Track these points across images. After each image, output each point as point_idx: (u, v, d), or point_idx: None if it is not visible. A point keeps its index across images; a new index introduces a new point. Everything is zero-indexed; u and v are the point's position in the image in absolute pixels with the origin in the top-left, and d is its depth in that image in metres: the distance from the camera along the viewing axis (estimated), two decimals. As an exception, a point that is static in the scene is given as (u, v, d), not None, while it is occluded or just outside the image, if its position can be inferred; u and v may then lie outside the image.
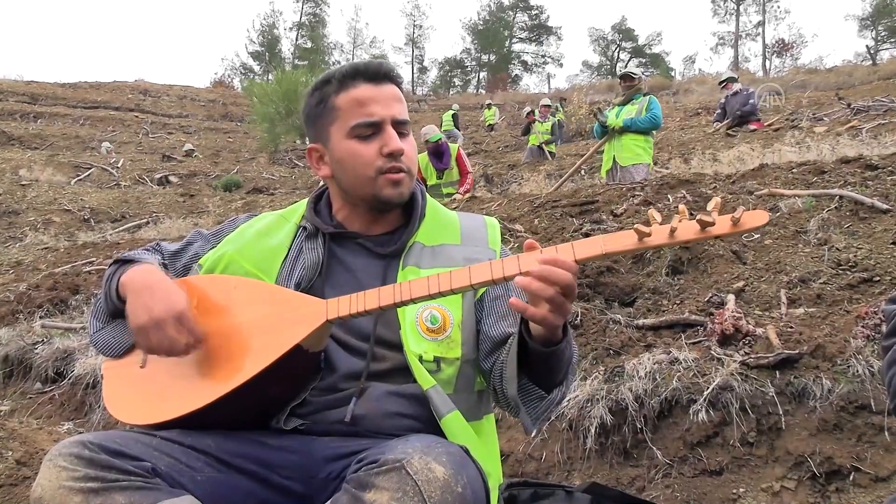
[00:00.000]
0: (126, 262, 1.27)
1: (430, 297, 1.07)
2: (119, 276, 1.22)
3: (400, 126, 1.25)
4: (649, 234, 0.97)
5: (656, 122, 6.01)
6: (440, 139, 7.17)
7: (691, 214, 0.98)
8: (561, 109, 15.94)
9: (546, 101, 13.16)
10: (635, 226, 0.98)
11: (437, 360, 1.19)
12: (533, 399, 1.16)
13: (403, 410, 1.17)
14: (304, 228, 1.31)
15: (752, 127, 9.49)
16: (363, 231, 1.30)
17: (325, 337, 1.17)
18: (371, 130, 1.22)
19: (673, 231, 0.97)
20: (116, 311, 1.24)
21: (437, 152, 7.20)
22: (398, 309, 1.20)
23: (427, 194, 1.37)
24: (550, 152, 11.69)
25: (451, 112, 17.67)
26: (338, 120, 1.24)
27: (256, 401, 1.15)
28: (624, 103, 6.12)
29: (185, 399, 1.12)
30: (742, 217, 0.93)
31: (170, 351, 1.12)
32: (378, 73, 1.24)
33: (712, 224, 0.95)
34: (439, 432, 1.12)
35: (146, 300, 1.13)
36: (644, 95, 6.11)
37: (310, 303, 1.14)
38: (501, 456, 2.10)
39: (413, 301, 1.08)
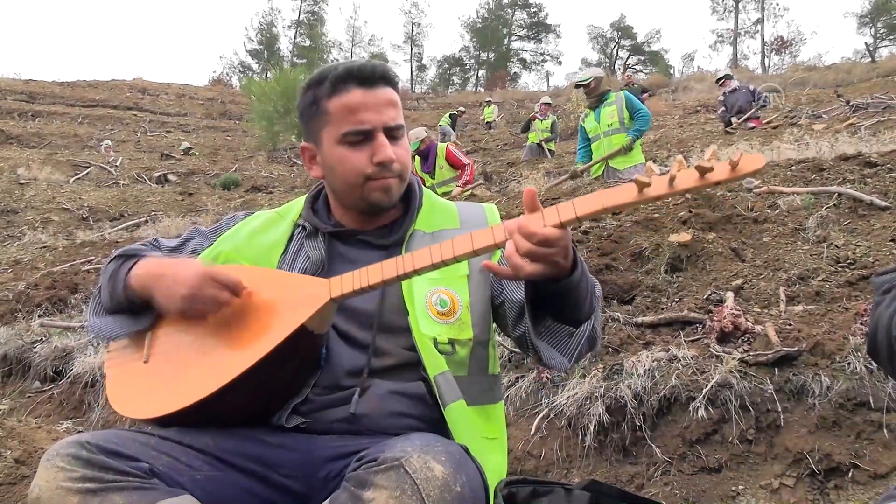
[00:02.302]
0: (127, 258, 1.26)
1: (434, 266, 1.06)
2: (126, 272, 1.21)
3: (393, 131, 1.23)
4: (649, 185, 0.94)
5: (650, 118, 5.94)
6: (417, 147, 7.14)
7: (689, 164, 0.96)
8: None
9: (546, 99, 13.11)
10: (635, 177, 0.95)
11: (451, 342, 1.19)
12: (562, 337, 1.16)
13: (405, 410, 1.17)
14: (304, 228, 1.31)
15: (750, 124, 9.50)
16: (361, 227, 1.30)
17: (330, 318, 1.16)
18: (362, 137, 1.21)
19: (672, 180, 0.94)
20: (120, 307, 1.23)
21: (424, 155, 7.18)
22: (405, 294, 1.21)
23: (422, 185, 1.37)
24: (550, 150, 11.69)
25: (450, 112, 17.81)
26: (329, 125, 1.22)
27: (262, 387, 1.14)
28: (595, 106, 5.99)
29: (190, 389, 1.11)
30: (741, 161, 0.90)
31: (220, 307, 1.13)
32: (372, 77, 1.21)
33: (711, 170, 0.92)
34: (441, 431, 1.12)
35: (173, 279, 1.14)
36: (614, 93, 5.98)
37: (312, 283, 1.14)
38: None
39: (416, 272, 1.07)
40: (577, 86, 6.38)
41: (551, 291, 1.09)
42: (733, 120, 9.88)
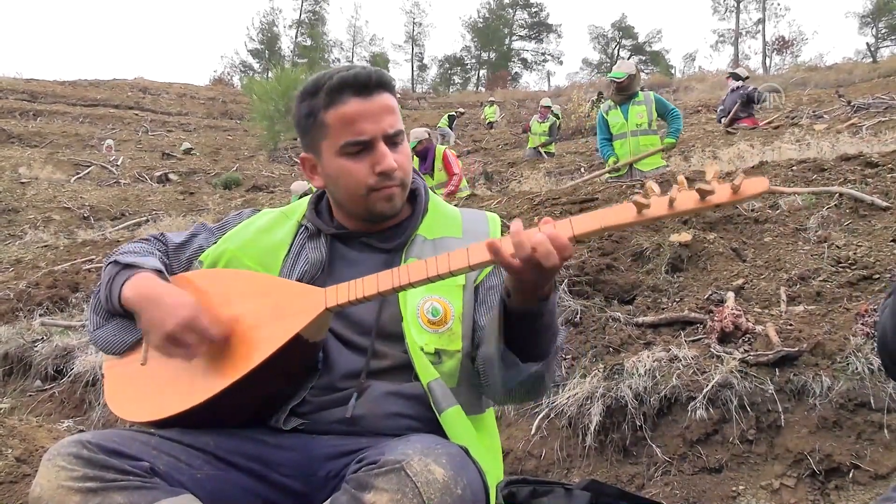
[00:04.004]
0: (125, 267, 1.24)
1: (429, 280, 1.05)
2: (121, 283, 1.20)
3: (392, 138, 1.21)
4: (648, 206, 0.93)
5: (681, 115, 6.04)
6: (414, 147, 7.09)
7: (689, 184, 0.95)
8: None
9: (546, 102, 13.01)
10: (634, 198, 0.93)
11: (437, 352, 1.18)
12: (507, 364, 1.11)
13: (403, 411, 1.17)
14: (306, 228, 1.31)
15: (743, 124, 9.48)
16: (364, 230, 1.30)
17: (326, 326, 1.16)
18: (361, 148, 1.19)
19: (672, 201, 0.93)
20: (117, 313, 1.23)
21: (422, 155, 7.13)
22: (400, 301, 1.21)
23: (429, 189, 1.38)
24: (548, 153, 11.64)
25: (449, 113, 17.83)
26: (327, 137, 1.21)
27: (258, 394, 1.14)
28: (623, 102, 5.90)
29: (187, 394, 1.12)
30: (742, 184, 0.89)
31: (192, 357, 1.12)
32: (368, 85, 1.19)
33: (712, 192, 0.90)
34: (439, 432, 1.12)
35: (155, 315, 1.12)
36: (641, 90, 5.94)
37: (308, 292, 1.14)
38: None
39: (412, 285, 1.06)
40: (611, 80, 6.23)
41: (519, 311, 1.06)
42: (722, 121, 9.93)
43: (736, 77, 10.24)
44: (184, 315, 1.10)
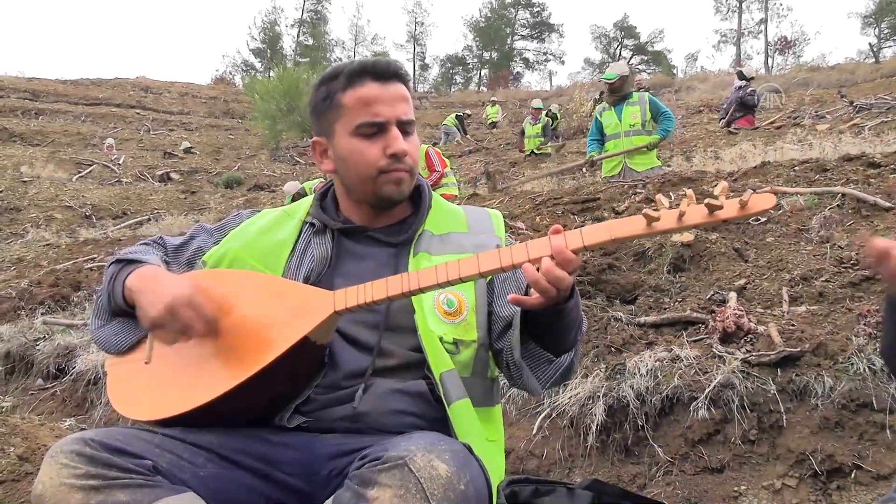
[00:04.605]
0: (129, 263, 1.25)
1: (439, 285, 1.07)
2: (123, 278, 1.21)
3: (405, 126, 1.24)
4: (658, 219, 0.95)
5: (674, 118, 6.02)
6: None
7: (698, 199, 0.96)
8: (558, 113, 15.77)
9: (537, 104, 13.02)
10: (644, 211, 0.96)
11: (455, 342, 1.21)
12: (541, 363, 1.18)
13: (407, 408, 1.17)
14: (312, 225, 1.32)
15: (738, 125, 9.48)
16: (370, 224, 1.30)
17: (333, 329, 1.16)
18: (375, 130, 1.22)
19: (681, 216, 0.95)
20: (120, 311, 1.24)
21: None
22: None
23: (430, 188, 1.39)
24: (545, 154, 11.66)
25: (456, 113, 17.85)
26: (343, 117, 1.24)
27: (263, 395, 1.14)
28: (617, 103, 5.93)
29: (191, 394, 1.11)
30: (750, 200, 0.92)
31: (188, 334, 1.11)
32: (386, 73, 1.23)
33: (720, 207, 0.93)
34: (443, 430, 1.12)
35: (155, 293, 1.12)
36: (636, 91, 6.03)
37: (317, 294, 1.14)
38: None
39: (421, 290, 1.08)
40: (604, 82, 6.30)
41: (544, 315, 1.11)
42: (721, 122, 9.95)
43: (741, 76, 10.22)
44: (181, 291, 1.10)
